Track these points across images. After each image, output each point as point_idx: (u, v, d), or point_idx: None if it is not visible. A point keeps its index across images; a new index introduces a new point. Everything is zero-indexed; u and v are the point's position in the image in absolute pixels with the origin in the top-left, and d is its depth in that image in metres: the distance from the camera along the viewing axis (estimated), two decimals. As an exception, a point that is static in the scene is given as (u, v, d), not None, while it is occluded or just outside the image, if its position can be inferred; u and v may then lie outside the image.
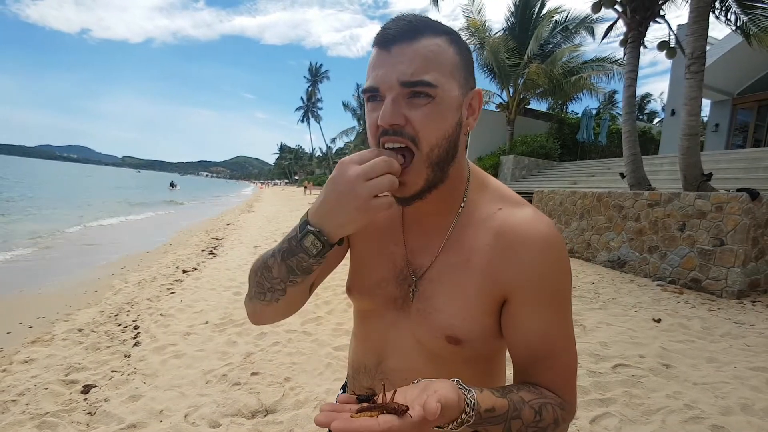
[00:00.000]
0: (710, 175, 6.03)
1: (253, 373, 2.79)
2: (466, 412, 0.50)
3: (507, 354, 0.79)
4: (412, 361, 0.72)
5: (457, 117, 0.63)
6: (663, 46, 8.05)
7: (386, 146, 0.61)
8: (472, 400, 0.51)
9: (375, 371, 0.76)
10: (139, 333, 3.50)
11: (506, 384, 0.68)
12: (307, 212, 0.61)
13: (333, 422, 0.45)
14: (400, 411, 0.45)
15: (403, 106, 0.59)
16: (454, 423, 0.50)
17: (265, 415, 2.34)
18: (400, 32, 0.59)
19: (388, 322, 0.74)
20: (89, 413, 2.30)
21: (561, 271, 0.65)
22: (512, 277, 0.64)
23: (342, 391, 0.96)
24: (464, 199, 0.70)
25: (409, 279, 0.72)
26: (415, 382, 0.53)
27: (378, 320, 0.76)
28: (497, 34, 16.06)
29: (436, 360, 0.70)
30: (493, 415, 0.54)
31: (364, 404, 0.49)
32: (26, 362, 2.90)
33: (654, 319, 4.13)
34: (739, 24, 7.04)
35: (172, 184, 45.94)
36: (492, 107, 17.45)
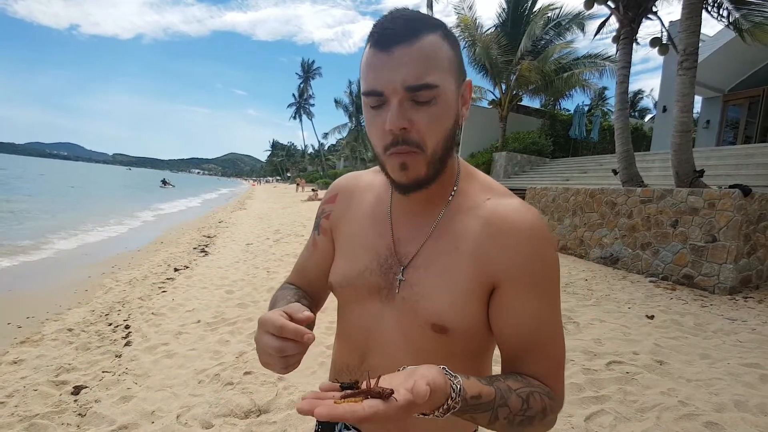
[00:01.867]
0: (702, 171, 6.07)
1: (246, 373, 2.77)
2: (452, 398, 0.49)
3: (494, 353, 0.78)
4: (396, 358, 0.70)
5: (456, 111, 0.64)
6: (655, 42, 8.10)
7: (389, 153, 0.63)
8: (458, 386, 0.50)
9: (358, 370, 0.75)
10: (130, 332, 3.45)
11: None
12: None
13: (316, 408, 0.43)
14: (385, 395, 0.44)
15: (408, 109, 0.60)
16: (440, 410, 0.49)
17: (258, 415, 2.32)
18: (400, 32, 0.59)
19: (371, 314, 0.73)
20: (80, 414, 2.27)
21: (549, 259, 0.65)
22: (501, 263, 0.64)
23: None
24: (454, 188, 0.72)
25: (394, 268, 0.71)
26: (401, 369, 0.52)
27: (361, 313, 0.75)
28: (489, 31, 16.04)
29: (422, 354, 0.69)
30: (480, 402, 0.53)
31: (348, 391, 0.48)
32: (15, 363, 2.86)
33: (647, 316, 4.16)
34: (731, 20, 7.08)
35: (164, 182, 41.14)
36: (484, 104, 17.47)
